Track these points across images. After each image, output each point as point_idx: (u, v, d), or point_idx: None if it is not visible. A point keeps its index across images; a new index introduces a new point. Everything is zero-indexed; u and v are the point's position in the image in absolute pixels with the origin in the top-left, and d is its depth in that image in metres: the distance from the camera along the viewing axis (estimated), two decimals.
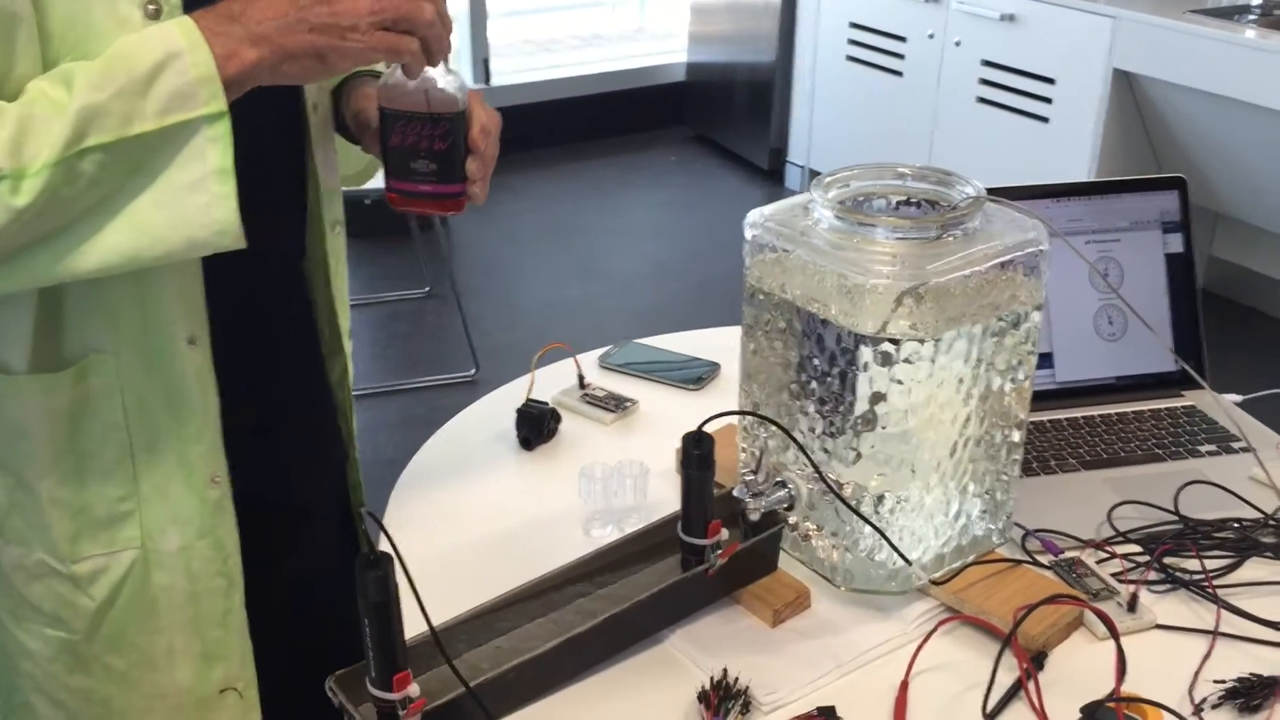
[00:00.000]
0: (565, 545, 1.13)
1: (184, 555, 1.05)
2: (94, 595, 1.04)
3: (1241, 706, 0.95)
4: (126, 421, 1.01)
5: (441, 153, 1.01)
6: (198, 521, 1.05)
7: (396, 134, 1.01)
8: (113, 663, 1.07)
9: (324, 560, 1.26)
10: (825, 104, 4.22)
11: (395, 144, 1.01)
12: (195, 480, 1.04)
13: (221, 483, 1.06)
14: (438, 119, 1.00)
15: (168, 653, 1.07)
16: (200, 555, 1.06)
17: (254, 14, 0.89)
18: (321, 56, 0.91)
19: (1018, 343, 1.04)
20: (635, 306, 3.61)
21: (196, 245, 0.90)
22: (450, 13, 0.98)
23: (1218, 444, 1.30)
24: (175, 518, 1.04)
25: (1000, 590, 1.05)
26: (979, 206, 1.02)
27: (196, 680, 1.09)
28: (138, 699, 1.08)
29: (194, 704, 1.09)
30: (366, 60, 0.93)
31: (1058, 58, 3.32)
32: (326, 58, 0.91)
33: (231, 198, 0.89)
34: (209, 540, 1.06)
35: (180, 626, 1.07)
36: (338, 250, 1.17)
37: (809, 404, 1.04)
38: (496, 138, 1.07)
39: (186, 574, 1.06)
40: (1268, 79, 2.84)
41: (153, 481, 1.03)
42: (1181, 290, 1.40)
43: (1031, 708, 0.95)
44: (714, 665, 0.98)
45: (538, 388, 1.38)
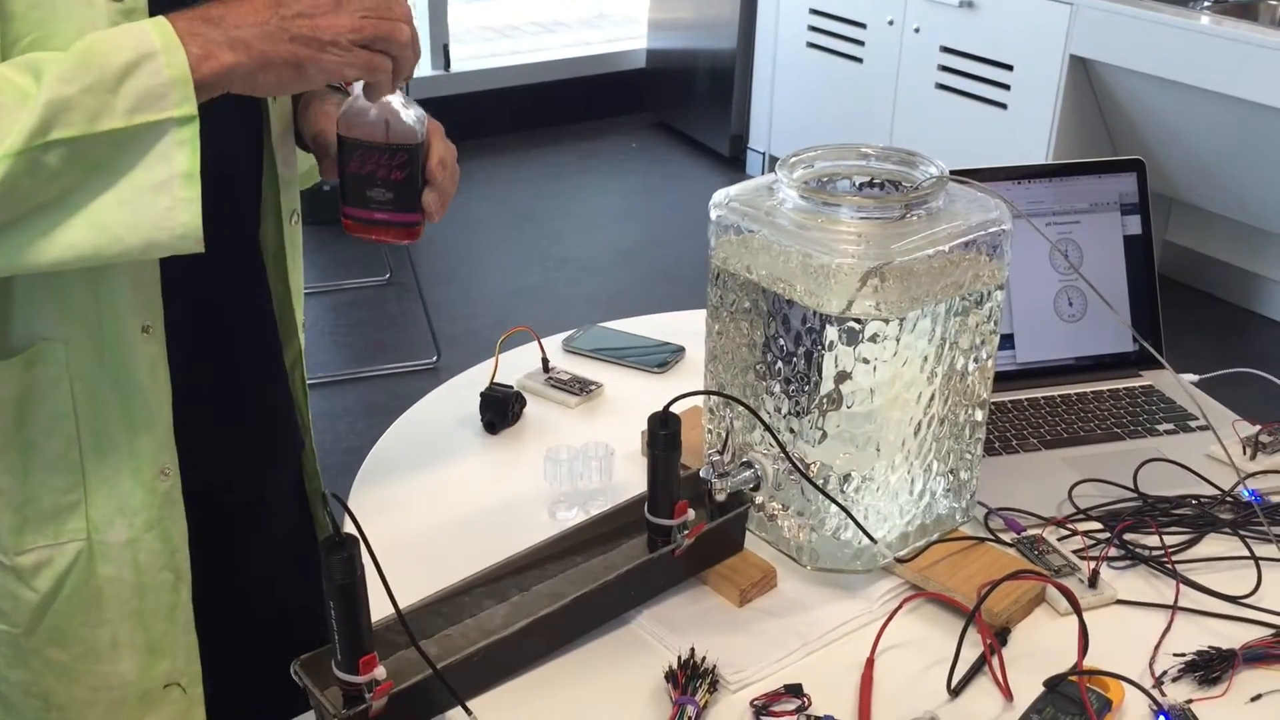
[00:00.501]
0: (531, 528, 1.13)
1: (131, 548, 1.04)
2: (37, 588, 1.02)
3: (1201, 679, 0.96)
4: (75, 411, 0.99)
5: (399, 182, 1.01)
6: (145, 513, 1.03)
7: (354, 162, 1.00)
8: (54, 656, 1.04)
9: (282, 550, 1.25)
10: (786, 90, 4.23)
11: (353, 171, 1.01)
12: (144, 472, 1.03)
13: (171, 475, 1.04)
14: (396, 149, 0.99)
15: (112, 645, 1.06)
16: (147, 548, 1.04)
17: (233, 19, 0.88)
18: (299, 67, 0.90)
19: (980, 322, 1.05)
20: (597, 293, 3.61)
21: (156, 247, 0.89)
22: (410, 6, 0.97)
23: (1175, 423, 1.32)
24: (122, 509, 1.03)
25: (964, 568, 1.06)
26: (942, 186, 1.03)
27: (140, 674, 1.07)
28: (80, 691, 1.06)
29: (137, 697, 1.08)
30: (341, 77, 0.92)
31: (1016, 44, 3.35)
32: (304, 69, 0.90)
33: (196, 202, 0.88)
34: (156, 533, 1.04)
35: (125, 619, 1.05)
36: (294, 240, 1.16)
37: (774, 384, 1.04)
38: (454, 170, 1.06)
39: (133, 566, 1.04)
40: (1222, 65, 2.88)
41: (100, 473, 1.01)
42: (1140, 271, 1.42)
43: (995, 682, 0.96)
44: (681, 645, 0.98)
45: (501, 372, 1.37)
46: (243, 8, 0.88)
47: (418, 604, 0.97)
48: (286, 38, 0.88)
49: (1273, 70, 2.79)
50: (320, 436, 1.26)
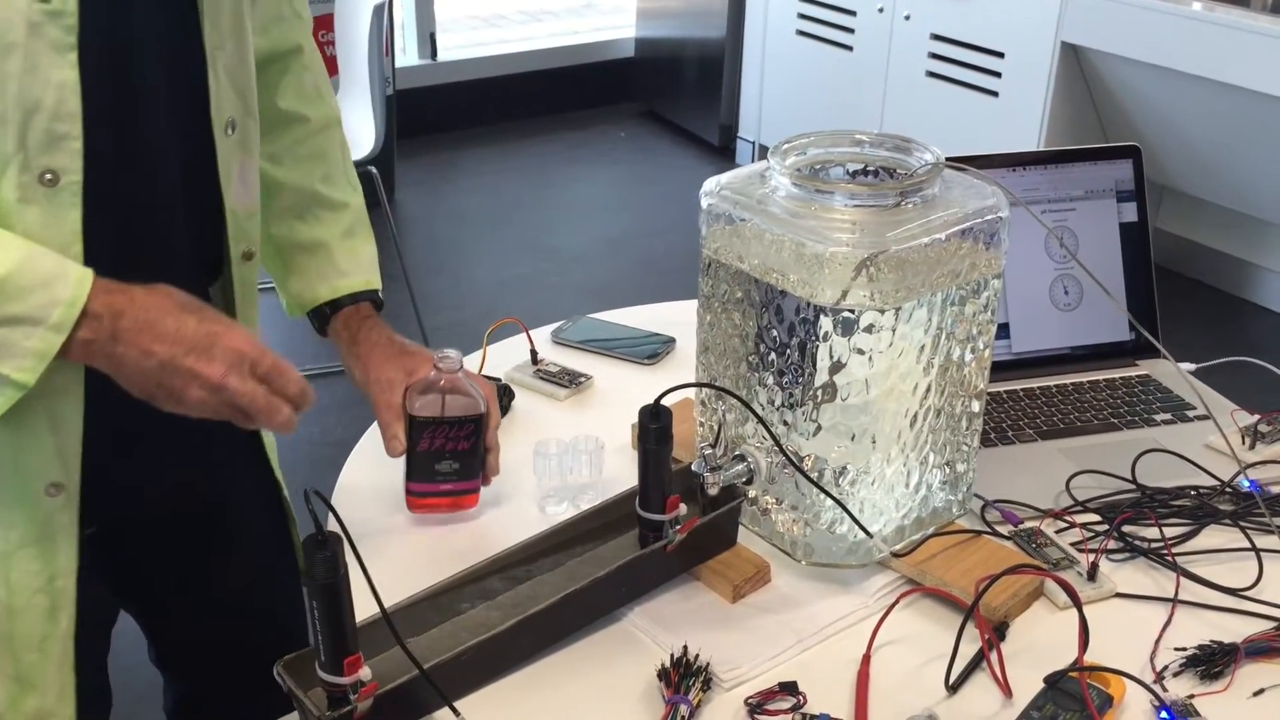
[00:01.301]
0: (520, 523, 1.11)
1: (4, 561, 0.98)
2: None
3: (1202, 673, 0.95)
4: None
5: (464, 452, 1.09)
6: (22, 528, 0.98)
7: (425, 439, 1.08)
8: None
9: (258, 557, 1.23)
10: (775, 79, 4.20)
11: (423, 449, 1.08)
12: (27, 485, 0.97)
13: (64, 493, 0.98)
14: (464, 421, 1.08)
15: None
16: (20, 566, 0.98)
17: (131, 335, 0.89)
18: (155, 399, 0.92)
19: (977, 311, 1.03)
20: (586, 283, 3.58)
21: None
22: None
23: (1173, 412, 1.30)
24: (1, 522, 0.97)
25: (961, 561, 1.04)
26: (938, 173, 1.01)
27: (8, 704, 1.01)
28: None
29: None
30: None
31: (1006, 31, 3.33)
32: (160, 402, 0.92)
33: None
34: (34, 551, 0.98)
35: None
36: (245, 279, 1.11)
37: (768, 376, 1.02)
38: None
39: (5, 583, 0.99)
40: (1213, 51, 2.86)
41: None
42: (1136, 259, 1.40)
43: (994, 679, 0.94)
44: (674, 642, 0.96)
45: (489, 364, 1.35)
46: (145, 333, 0.89)
47: (404, 602, 0.94)
48: (155, 383, 0.90)
49: (1264, 56, 2.78)
50: (306, 431, 1.23)
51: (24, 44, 0.86)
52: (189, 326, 0.90)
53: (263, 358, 0.92)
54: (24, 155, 0.89)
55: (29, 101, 0.88)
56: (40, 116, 0.88)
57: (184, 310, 0.91)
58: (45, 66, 0.88)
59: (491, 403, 1.12)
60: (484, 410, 1.09)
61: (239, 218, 1.08)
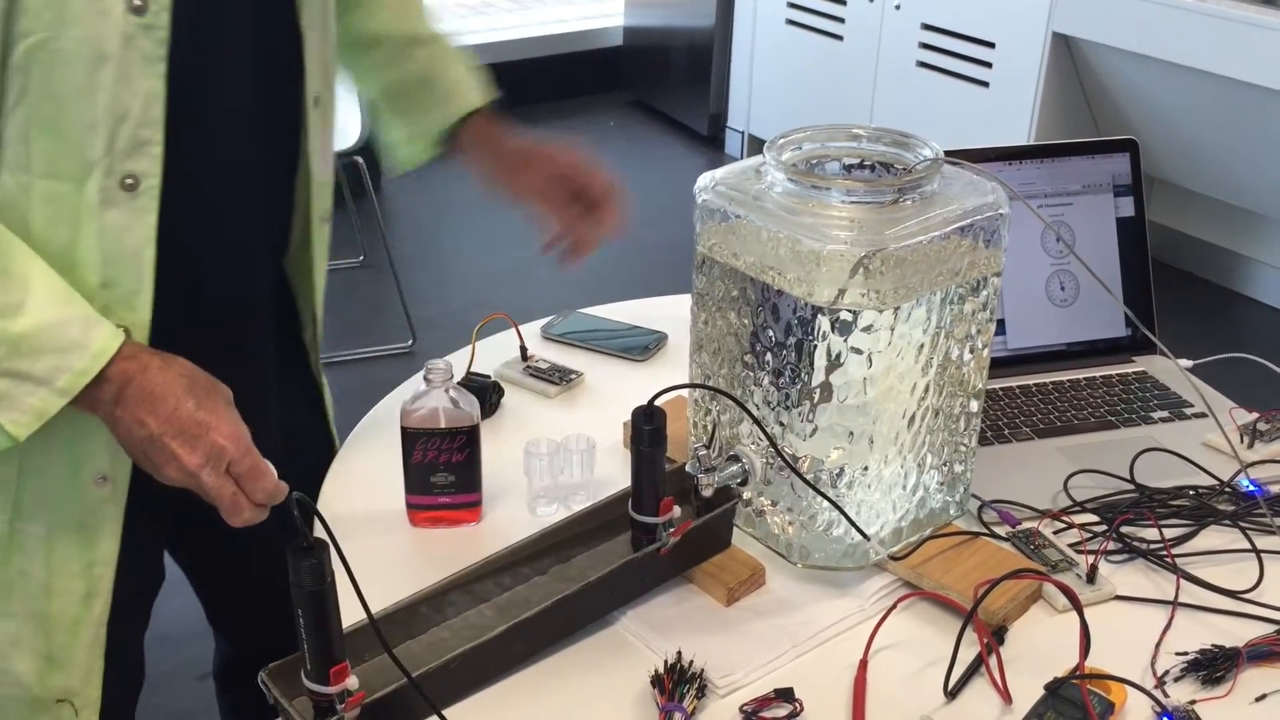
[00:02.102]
0: (511, 525, 1.09)
1: (47, 543, 1.01)
2: None
3: (1204, 678, 0.93)
4: None
5: (459, 464, 1.08)
6: (67, 513, 1.01)
7: (418, 451, 1.07)
8: None
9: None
10: (765, 69, 4.17)
11: (416, 461, 1.08)
12: (78, 472, 1.00)
13: (112, 485, 1.01)
14: (456, 432, 1.07)
15: (13, 643, 1.04)
16: (61, 549, 1.02)
17: (135, 400, 0.92)
18: (136, 459, 0.95)
19: (976, 310, 1.01)
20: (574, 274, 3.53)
21: None
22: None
23: (1170, 410, 1.29)
24: (45, 501, 1.00)
25: (959, 564, 1.03)
26: (937, 169, 0.99)
27: (36, 680, 1.05)
28: None
29: (28, 702, 1.05)
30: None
31: (997, 21, 3.31)
32: (139, 462, 0.95)
33: None
34: (75, 537, 1.02)
35: (29, 619, 1.03)
36: (322, 242, 1.17)
37: (763, 376, 1.00)
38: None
39: (45, 564, 1.02)
40: (1205, 43, 2.85)
41: (35, 460, 0.99)
42: (1132, 255, 1.38)
43: (993, 684, 0.92)
44: (667, 648, 0.94)
45: (479, 360, 1.33)
46: (143, 405, 0.91)
47: (391, 608, 0.92)
48: (140, 450, 0.93)
49: (1256, 48, 2.76)
50: None
51: (118, 55, 0.89)
52: (185, 410, 0.92)
53: (242, 459, 0.94)
54: (109, 160, 0.92)
55: (119, 110, 0.91)
56: (127, 124, 0.91)
57: (189, 392, 0.93)
58: (136, 77, 0.91)
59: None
60: (477, 422, 1.08)
61: (318, 185, 1.13)
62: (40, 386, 0.89)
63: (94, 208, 0.92)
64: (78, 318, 0.91)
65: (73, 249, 0.93)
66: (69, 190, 0.92)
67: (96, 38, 0.88)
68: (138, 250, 0.95)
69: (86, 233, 0.93)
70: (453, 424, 1.07)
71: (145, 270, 0.96)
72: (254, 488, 0.94)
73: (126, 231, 0.94)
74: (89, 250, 0.93)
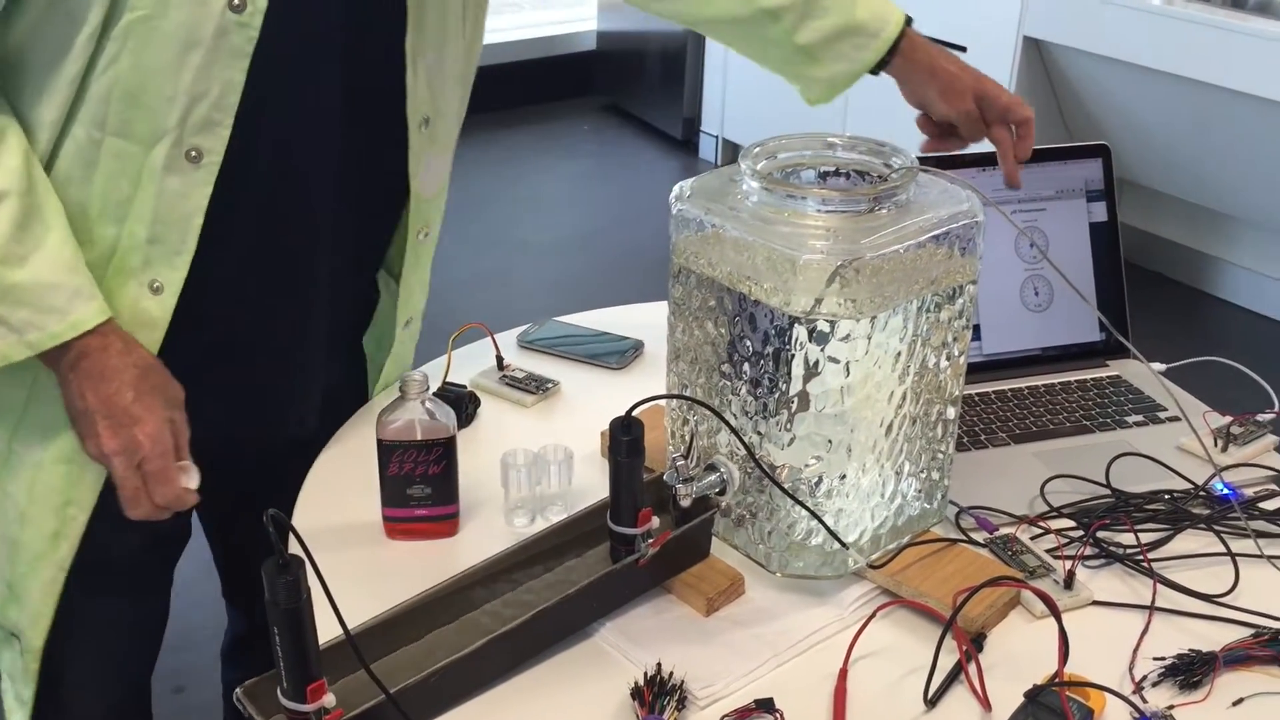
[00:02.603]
0: (488, 538, 1.08)
1: (35, 469, 1.07)
2: None
3: (1181, 683, 0.94)
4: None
5: (436, 476, 1.07)
6: (61, 444, 1.06)
7: (394, 464, 1.07)
8: None
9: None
10: (739, 73, 4.17)
11: (393, 473, 1.07)
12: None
13: None
14: (433, 445, 1.07)
15: None
16: (46, 480, 1.07)
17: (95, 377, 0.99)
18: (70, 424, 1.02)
19: (952, 318, 1.02)
20: (551, 279, 3.55)
21: None
22: None
23: (1144, 414, 1.29)
24: (44, 429, 1.05)
25: (937, 571, 1.03)
26: (912, 177, 0.99)
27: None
28: None
29: None
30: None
31: (969, 26, 3.32)
32: (73, 427, 1.02)
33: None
34: (62, 470, 1.06)
35: (3, 541, 1.09)
36: (420, 254, 1.23)
37: (741, 385, 1.00)
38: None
39: (28, 490, 1.07)
40: (1174, 45, 2.87)
41: (43, 388, 1.04)
42: (1105, 260, 1.39)
43: (973, 692, 0.93)
44: (647, 659, 0.94)
45: (454, 370, 1.32)
46: (89, 381, 0.98)
47: (368, 623, 0.92)
48: (73, 419, 1.01)
49: (1225, 51, 2.79)
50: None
51: (208, 43, 0.95)
52: (123, 399, 0.98)
53: (154, 459, 0.99)
54: (180, 131, 0.98)
55: (198, 90, 0.97)
56: (203, 104, 0.98)
57: (134, 383, 0.99)
58: (220, 65, 0.97)
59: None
60: (454, 433, 1.08)
61: (420, 201, 1.18)
62: (11, 333, 0.96)
63: (157, 171, 0.99)
64: (69, 287, 0.97)
65: (129, 203, 1.00)
66: (137, 151, 0.98)
67: (193, 24, 0.94)
68: (189, 216, 1.01)
69: (146, 191, 0.99)
70: (429, 436, 1.07)
71: (191, 235, 1.02)
72: (156, 490, 1.00)
73: (182, 198, 1.00)
74: (144, 206, 1.00)
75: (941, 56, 1.26)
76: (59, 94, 0.96)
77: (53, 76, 0.96)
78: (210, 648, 1.55)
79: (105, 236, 1.01)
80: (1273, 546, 1.09)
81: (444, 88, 1.15)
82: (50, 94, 0.96)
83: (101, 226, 1.01)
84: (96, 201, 1.00)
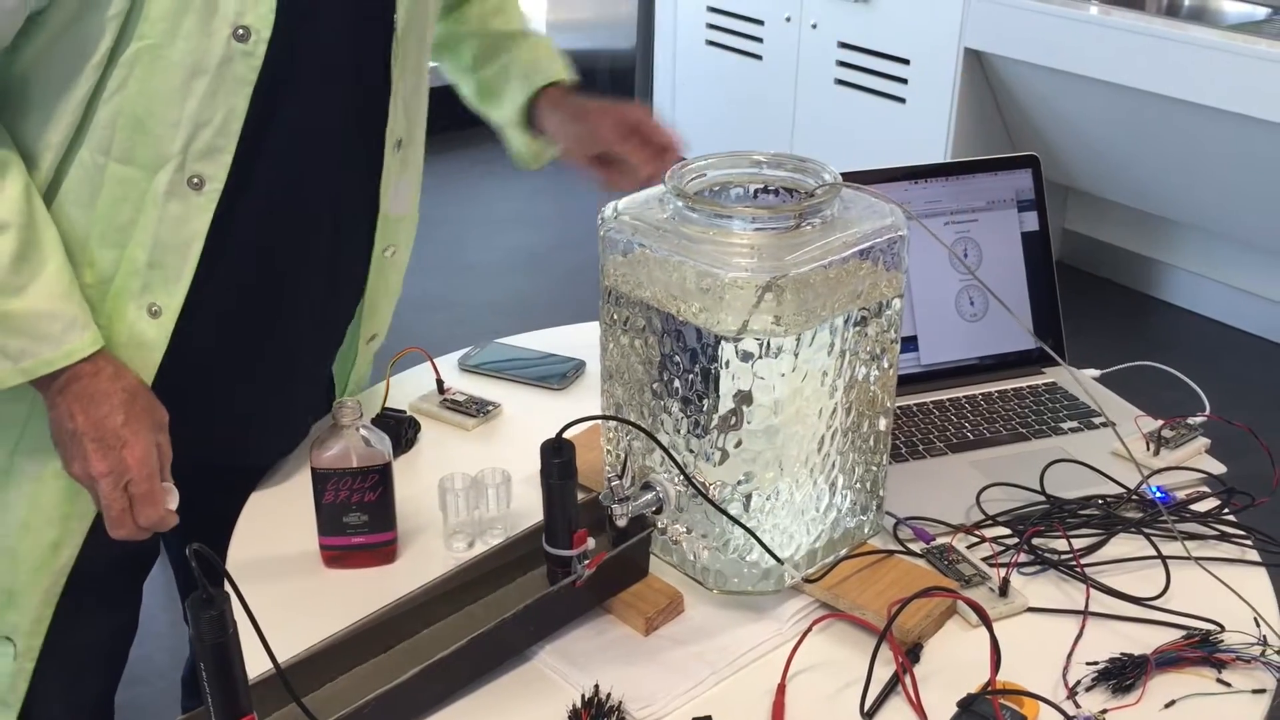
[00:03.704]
0: (427, 562, 1.08)
1: (36, 482, 1.08)
2: None
3: (1114, 687, 0.95)
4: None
5: (372, 504, 1.07)
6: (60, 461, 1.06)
7: (330, 491, 1.07)
8: None
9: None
10: (687, 89, 4.20)
11: (329, 501, 1.07)
12: None
13: None
14: (368, 471, 1.06)
15: None
16: (48, 493, 1.08)
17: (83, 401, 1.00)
18: (55, 445, 1.03)
19: (880, 331, 1.02)
20: (501, 299, 3.54)
21: None
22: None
23: (1080, 420, 1.31)
24: (45, 443, 1.05)
25: (874, 583, 1.03)
26: (835, 193, 1.00)
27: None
28: None
29: None
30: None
31: (912, 38, 3.36)
32: (57, 449, 1.03)
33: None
34: (64, 484, 1.07)
35: (3, 553, 1.10)
36: (385, 271, 1.24)
37: (672, 403, 1.00)
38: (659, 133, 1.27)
39: (30, 502, 1.09)
40: (1111, 54, 2.92)
41: (43, 404, 1.04)
42: (1039, 268, 1.41)
43: (909, 702, 0.93)
44: (585, 681, 0.94)
45: (394, 395, 1.31)
46: (78, 404, 1.00)
47: (302, 654, 0.91)
48: (60, 440, 1.02)
49: (1160, 59, 2.84)
50: None
51: (214, 71, 0.98)
52: (113, 421, 1.00)
53: (142, 482, 1.01)
54: (183, 158, 1.00)
55: (203, 117, 0.99)
56: (207, 131, 1.00)
57: (123, 406, 1.00)
58: (225, 93, 0.99)
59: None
60: (389, 460, 1.07)
61: (389, 221, 1.20)
62: (6, 360, 0.98)
63: (159, 197, 1.00)
64: (65, 317, 0.99)
65: (131, 228, 1.01)
66: (140, 177, 1.00)
67: (199, 53, 0.97)
68: (188, 241, 1.03)
69: (148, 217, 1.01)
70: (364, 463, 1.06)
71: (190, 260, 1.03)
72: (140, 511, 1.02)
73: (183, 223, 1.02)
74: (145, 231, 1.01)
75: (590, 99, 1.34)
76: (64, 119, 0.98)
77: (59, 101, 0.98)
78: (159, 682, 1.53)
79: (106, 260, 1.03)
80: (1204, 548, 1.11)
81: (418, 110, 1.19)
82: (56, 119, 0.98)
83: (102, 250, 1.02)
84: (98, 225, 1.02)
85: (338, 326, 1.26)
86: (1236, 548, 1.11)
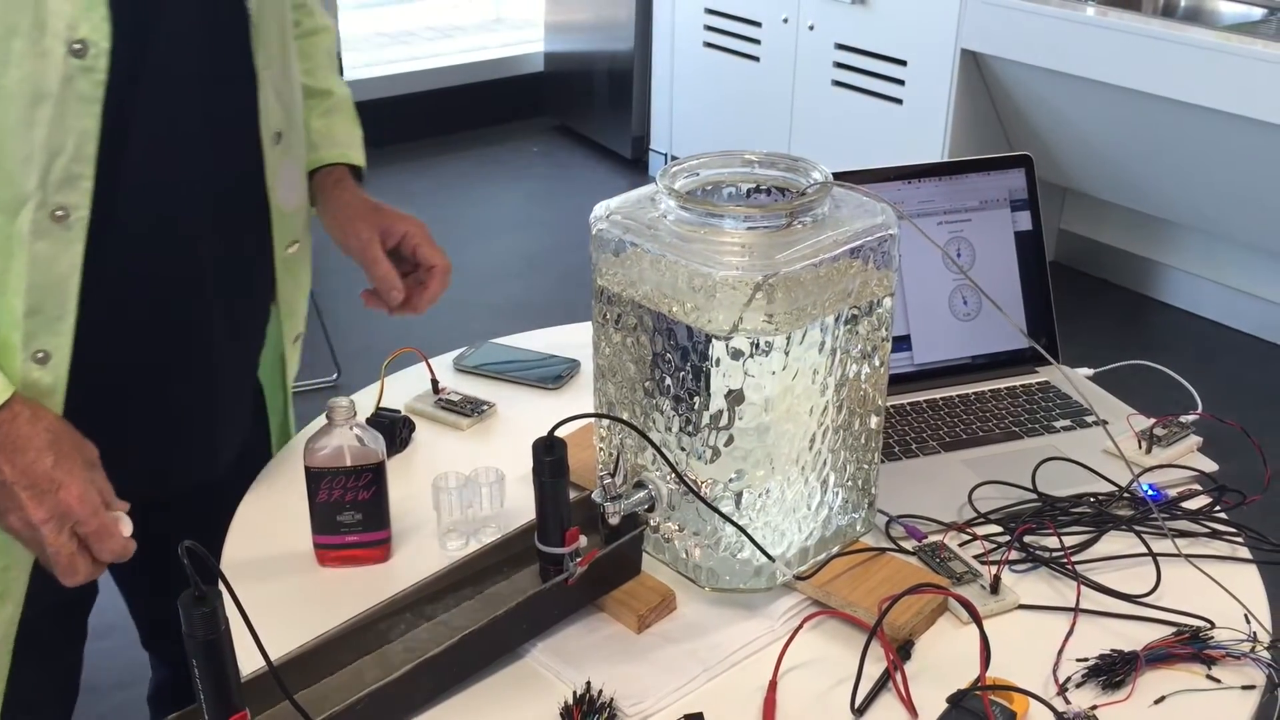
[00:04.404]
0: (422, 560, 1.08)
1: None
2: None
3: (1104, 683, 0.95)
4: None
5: (366, 502, 1.07)
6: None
7: (324, 490, 1.06)
8: None
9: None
10: (685, 91, 4.21)
11: (323, 500, 1.07)
12: None
13: None
14: (361, 470, 1.06)
15: None
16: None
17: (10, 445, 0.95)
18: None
19: (871, 329, 1.03)
20: (500, 301, 3.55)
21: None
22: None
23: (1072, 419, 1.31)
24: None
25: (866, 580, 1.04)
26: (826, 192, 1.00)
27: None
28: None
29: None
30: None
31: (909, 39, 3.37)
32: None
33: None
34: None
35: None
36: (292, 268, 1.21)
37: (664, 401, 1.01)
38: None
39: None
40: (1108, 55, 2.93)
41: None
42: (1032, 267, 1.41)
43: (900, 699, 0.93)
44: (577, 678, 0.94)
45: (389, 395, 1.32)
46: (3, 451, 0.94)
47: (295, 652, 0.91)
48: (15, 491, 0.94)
49: (1157, 59, 2.84)
50: None
51: (56, 94, 0.92)
52: (43, 465, 0.94)
53: (89, 519, 0.96)
54: (43, 193, 0.95)
55: (54, 146, 0.94)
56: (61, 159, 0.95)
57: (50, 447, 0.95)
58: (72, 115, 0.94)
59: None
60: (383, 459, 1.07)
61: (284, 215, 1.16)
62: None
63: (25, 238, 0.95)
64: None
65: (3, 277, 0.96)
66: (2, 222, 0.95)
67: (37, 77, 0.91)
68: (64, 279, 0.98)
69: (17, 262, 0.96)
70: (358, 462, 1.07)
71: (70, 297, 0.99)
72: (101, 548, 0.97)
73: (54, 261, 0.97)
74: (18, 278, 0.96)
75: (364, 196, 1.28)
76: None
77: None
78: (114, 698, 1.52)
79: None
80: (1195, 545, 1.11)
81: (291, 98, 1.15)
82: None
83: None
84: None
85: (254, 333, 1.24)
86: (1227, 545, 1.12)
